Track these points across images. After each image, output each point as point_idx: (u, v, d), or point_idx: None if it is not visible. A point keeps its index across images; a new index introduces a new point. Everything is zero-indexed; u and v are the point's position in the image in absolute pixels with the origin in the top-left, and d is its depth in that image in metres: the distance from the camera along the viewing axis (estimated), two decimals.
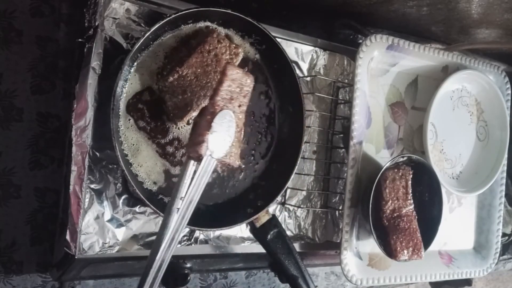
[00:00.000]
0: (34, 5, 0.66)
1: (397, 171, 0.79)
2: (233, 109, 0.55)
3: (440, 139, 0.91)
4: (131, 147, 0.62)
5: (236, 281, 0.84)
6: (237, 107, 0.56)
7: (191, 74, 0.61)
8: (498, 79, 0.95)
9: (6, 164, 0.65)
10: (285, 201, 0.77)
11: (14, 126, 0.65)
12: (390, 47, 0.81)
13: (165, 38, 0.64)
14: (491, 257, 0.96)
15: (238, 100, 0.56)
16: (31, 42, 0.66)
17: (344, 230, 0.76)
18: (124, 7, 0.63)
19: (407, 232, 0.78)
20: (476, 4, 0.78)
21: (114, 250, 0.62)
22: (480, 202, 0.98)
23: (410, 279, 0.84)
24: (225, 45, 0.63)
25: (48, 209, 0.67)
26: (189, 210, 0.52)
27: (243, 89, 0.56)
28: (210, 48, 0.62)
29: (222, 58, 0.62)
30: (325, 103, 0.81)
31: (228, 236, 0.71)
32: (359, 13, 0.87)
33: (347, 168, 0.77)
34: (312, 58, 0.80)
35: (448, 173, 0.92)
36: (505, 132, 0.94)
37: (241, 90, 0.56)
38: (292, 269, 0.68)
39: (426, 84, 0.89)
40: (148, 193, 0.63)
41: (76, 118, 0.59)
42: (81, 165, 0.59)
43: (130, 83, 0.62)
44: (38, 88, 0.67)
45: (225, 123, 0.53)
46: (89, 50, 0.60)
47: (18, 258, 0.66)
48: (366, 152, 0.81)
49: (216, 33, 0.63)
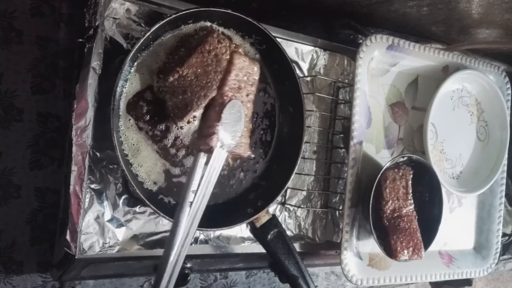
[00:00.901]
0: (34, 5, 0.66)
1: (397, 171, 0.79)
2: (242, 99, 0.54)
3: (440, 139, 0.91)
4: (131, 147, 0.62)
5: (236, 281, 0.84)
6: (245, 96, 0.55)
7: (191, 74, 0.60)
8: (499, 79, 0.95)
9: (7, 164, 0.65)
10: (285, 201, 0.77)
11: (14, 126, 0.65)
12: (390, 47, 0.81)
13: (166, 38, 0.64)
14: (491, 257, 0.96)
15: (245, 89, 0.55)
16: (31, 42, 0.66)
17: (344, 230, 0.76)
18: (124, 7, 0.63)
19: (407, 232, 0.78)
20: (476, 4, 0.78)
21: (114, 250, 0.62)
22: (480, 202, 0.98)
23: (410, 279, 0.84)
24: (225, 45, 0.63)
25: (48, 209, 0.67)
26: (203, 203, 0.51)
27: (250, 78, 0.56)
28: (211, 48, 0.61)
29: (222, 58, 0.62)
30: (325, 103, 0.81)
31: (228, 236, 0.71)
32: (359, 13, 0.87)
33: (347, 168, 0.77)
34: (312, 58, 0.80)
35: (448, 173, 0.92)
36: (505, 132, 0.94)
37: (248, 78, 0.55)
38: (292, 269, 0.68)
39: (426, 84, 0.89)
40: (148, 193, 0.63)
41: (76, 118, 0.59)
42: (81, 165, 0.59)
43: (131, 83, 0.62)
44: (38, 88, 0.67)
45: (234, 113, 0.53)
46: (89, 50, 0.60)
47: (19, 258, 0.66)
48: (366, 152, 0.81)
49: (216, 33, 0.63)
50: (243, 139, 0.56)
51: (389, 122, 0.85)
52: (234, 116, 0.53)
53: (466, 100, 0.94)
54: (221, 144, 0.51)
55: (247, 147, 0.57)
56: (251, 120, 0.63)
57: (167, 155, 0.65)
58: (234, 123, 0.53)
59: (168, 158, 0.65)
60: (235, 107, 0.53)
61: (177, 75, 0.60)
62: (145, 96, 0.63)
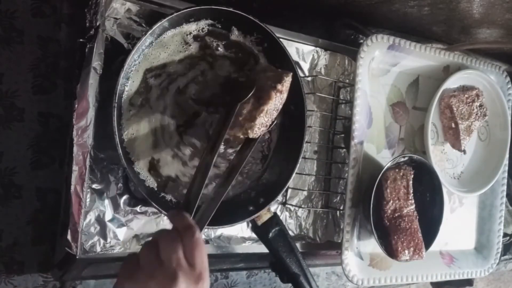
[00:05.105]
0: (35, 5, 0.66)
1: (398, 171, 0.79)
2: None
3: (441, 139, 0.91)
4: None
5: (237, 281, 0.84)
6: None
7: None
8: (500, 79, 0.95)
9: (8, 164, 0.65)
10: (286, 201, 0.77)
11: (15, 126, 0.65)
12: (391, 47, 0.81)
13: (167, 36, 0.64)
14: (493, 257, 0.96)
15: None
16: (33, 42, 0.66)
17: (345, 230, 0.76)
18: (125, 7, 0.63)
19: (408, 232, 0.78)
20: (477, 4, 0.78)
21: (116, 250, 0.62)
22: (482, 202, 0.98)
23: (411, 279, 0.84)
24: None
25: (49, 209, 0.67)
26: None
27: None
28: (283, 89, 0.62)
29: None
30: (326, 103, 0.81)
31: (229, 236, 0.71)
32: (360, 13, 0.87)
33: (348, 168, 0.77)
34: (313, 58, 0.80)
35: (449, 173, 0.92)
36: (507, 132, 0.94)
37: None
38: (294, 267, 0.68)
39: (427, 84, 0.89)
40: (150, 191, 0.63)
41: (77, 118, 0.59)
42: (82, 165, 0.59)
43: (132, 81, 0.62)
44: (39, 88, 0.67)
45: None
46: (90, 50, 0.60)
47: (20, 258, 0.66)
48: (367, 152, 0.81)
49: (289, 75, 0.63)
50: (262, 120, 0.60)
51: (390, 122, 0.85)
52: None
53: None
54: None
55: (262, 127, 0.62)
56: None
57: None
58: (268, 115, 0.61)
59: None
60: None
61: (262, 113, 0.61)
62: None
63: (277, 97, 0.60)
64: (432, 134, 0.88)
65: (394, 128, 0.86)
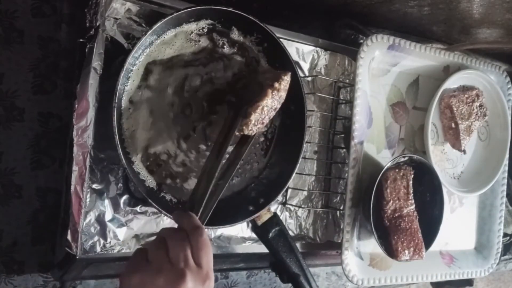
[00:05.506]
0: (35, 5, 0.66)
1: (398, 171, 0.79)
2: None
3: (441, 139, 0.91)
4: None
5: (237, 281, 0.84)
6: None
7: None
8: (500, 79, 0.95)
9: (8, 164, 0.65)
10: (286, 201, 0.77)
11: (15, 126, 0.65)
12: (391, 47, 0.81)
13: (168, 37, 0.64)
14: (493, 257, 0.96)
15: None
16: (33, 42, 0.66)
17: (345, 230, 0.76)
18: (125, 7, 0.63)
19: (408, 232, 0.78)
20: (477, 4, 0.78)
21: (116, 250, 0.62)
22: (482, 202, 0.98)
23: (411, 279, 0.84)
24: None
25: (49, 209, 0.67)
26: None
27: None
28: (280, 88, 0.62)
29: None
30: (326, 103, 0.81)
31: (229, 236, 0.71)
32: (360, 13, 0.87)
33: (348, 168, 0.77)
34: (313, 58, 0.80)
35: (449, 173, 0.92)
36: (507, 132, 0.94)
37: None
38: (294, 267, 0.68)
39: (427, 84, 0.89)
40: (149, 191, 0.63)
41: (77, 118, 0.59)
42: (82, 165, 0.59)
43: (132, 80, 0.62)
44: (39, 88, 0.67)
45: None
46: (90, 50, 0.60)
47: (20, 258, 0.66)
48: (367, 152, 0.81)
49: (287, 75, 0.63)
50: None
51: (390, 122, 0.85)
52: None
53: None
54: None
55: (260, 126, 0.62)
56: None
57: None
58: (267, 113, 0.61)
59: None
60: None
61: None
62: None
63: (273, 95, 0.60)
64: (432, 134, 0.88)
65: (394, 128, 0.86)
